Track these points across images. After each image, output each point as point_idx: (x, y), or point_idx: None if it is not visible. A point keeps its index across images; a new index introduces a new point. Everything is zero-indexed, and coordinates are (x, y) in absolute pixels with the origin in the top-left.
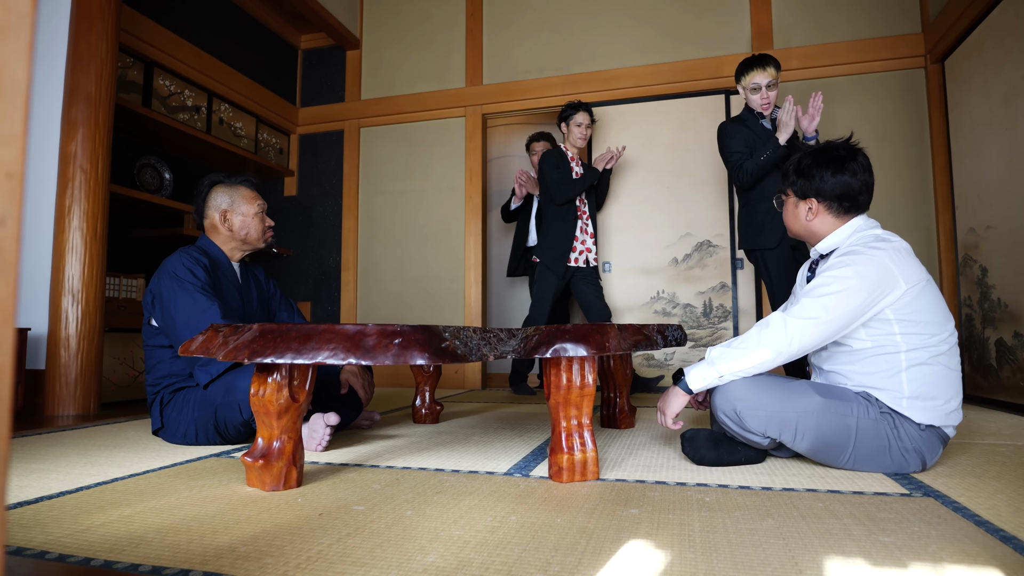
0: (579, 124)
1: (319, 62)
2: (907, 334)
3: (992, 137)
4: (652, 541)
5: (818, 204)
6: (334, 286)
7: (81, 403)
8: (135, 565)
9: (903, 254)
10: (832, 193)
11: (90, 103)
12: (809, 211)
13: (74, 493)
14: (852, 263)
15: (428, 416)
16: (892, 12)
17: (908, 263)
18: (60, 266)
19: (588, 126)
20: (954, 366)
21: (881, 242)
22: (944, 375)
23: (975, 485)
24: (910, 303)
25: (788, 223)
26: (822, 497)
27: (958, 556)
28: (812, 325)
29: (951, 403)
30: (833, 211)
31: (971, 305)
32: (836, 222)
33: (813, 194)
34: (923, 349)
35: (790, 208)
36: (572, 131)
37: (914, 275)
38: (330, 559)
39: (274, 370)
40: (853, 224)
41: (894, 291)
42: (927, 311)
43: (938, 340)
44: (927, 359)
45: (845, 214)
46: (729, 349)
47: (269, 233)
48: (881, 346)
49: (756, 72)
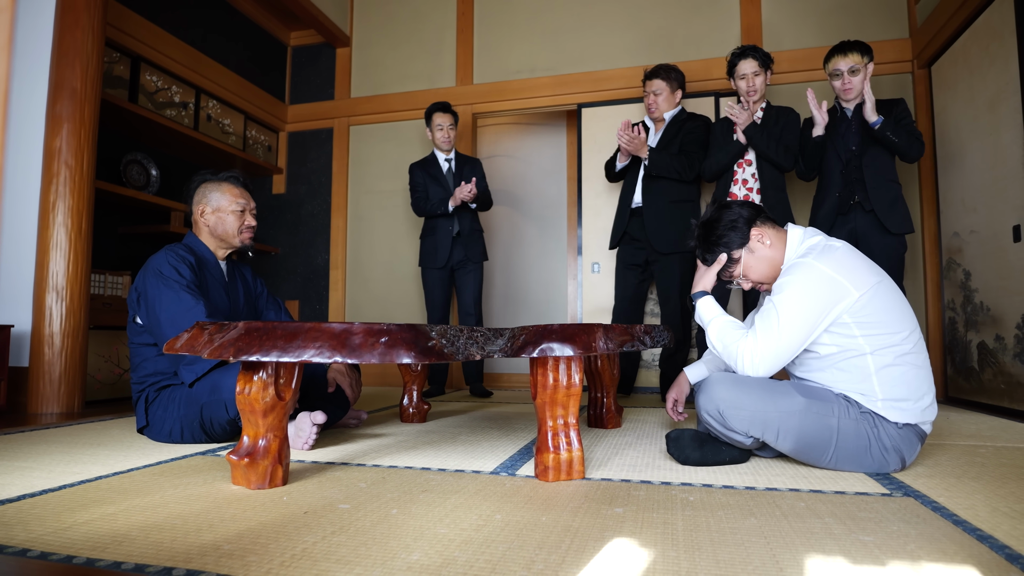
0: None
1: (309, 59)
2: (868, 335)
3: (977, 142)
4: (636, 540)
5: (759, 231)
6: (322, 285)
7: (65, 401)
8: (118, 563)
9: (850, 259)
10: (743, 216)
11: (75, 98)
12: (760, 242)
13: (57, 491)
14: (793, 282)
15: (415, 415)
16: (880, 17)
17: (857, 268)
18: (44, 263)
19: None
20: (922, 363)
21: (823, 253)
22: (914, 374)
23: (954, 485)
24: (865, 306)
25: (761, 270)
26: (804, 497)
27: (936, 555)
28: (772, 355)
29: (924, 399)
30: (767, 225)
31: (954, 309)
32: (779, 234)
33: (739, 237)
34: (887, 350)
35: (749, 261)
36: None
37: (865, 279)
38: (315, 557)
39: (260, 368)
40: (795, 236)
41: (845, 298)
42: (884, 312)
43: (901, 338)
44: (894, 360)
45: (773, 222)
46: (723, 334)
47: (247, 233)
48: (847, 350)
49: (837, 58)
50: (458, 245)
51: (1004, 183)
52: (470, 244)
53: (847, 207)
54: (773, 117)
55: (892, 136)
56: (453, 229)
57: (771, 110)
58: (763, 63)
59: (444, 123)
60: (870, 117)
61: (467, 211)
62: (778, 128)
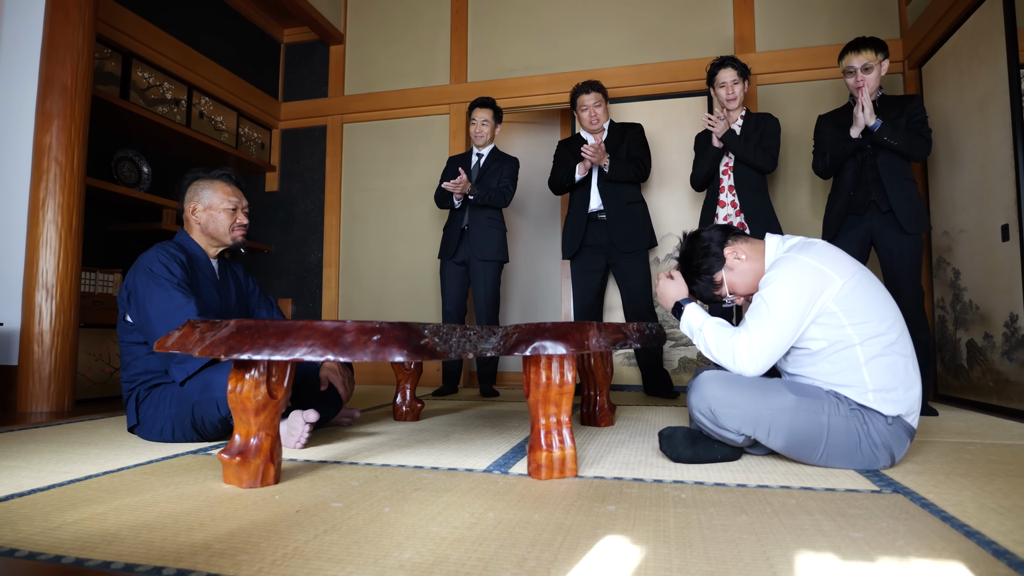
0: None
1: (302, 57)
2: (856, 324)
3: (967, 142)
4: (628, 537)
5: (732, 249)
6: (315, 283)
7: (55, 400)
8: (107, 563)
9: (830, 252)
10: (715, 239)
11: (66, 94)
12: (737, 259)
13: (46, 490)
14: (779, 275)
15: (409, 413)
16: (872, 18)
17: (838, 259)
18: (34, 260)
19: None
20: (908, 353)
21: (803, 249)
22: (902, 364)
23: (943, 482)
24: (850, 294)
25: (746, 283)
26: (795, 494)
27: (924, 550)
28: (767, 348)
29: (913, 390)
30: (740, 241)
31: (944, 307)
32: (754, 246)
33: (716, 260)
34: (875, 340)
35: (732, 279)
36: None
37: (846, 269)
38: (306, 556)
39: (252, 367)
40: (772, 243)
41: (830, 286)
42: (869, 299)
43: (887, 327)
44: (882, 350)
45: (746, 236)
46: (714, 335)
47: (239, 231)
48: (837, 342)
49: (851, 55)
50: (465, 240)
51: (993, 183)
52: (478, 241)
53: (862, 207)
54: (753, 123)
55: (890, 140)
56: (462, 223)
57: (751, 117)
58: (741, 73)
59: (478, 118)
60: (868, 121)
61: (479, 206)
62: (757, 133)
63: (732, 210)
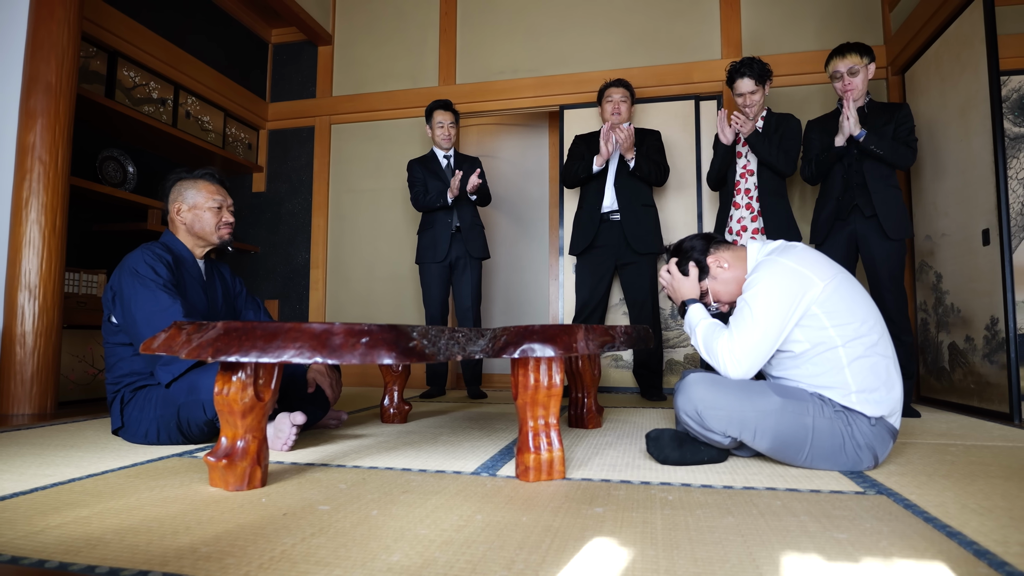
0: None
1: (290, 57)
2: (838, 326)
3: (949, 148)
4: (615, 539)
5: (714, 258)
6: (303, 284)
7: (37, 402)
8: (92, 567)
9: (810, 255)
10: (697, 248)
11: (50, 93)
12: (719, 267)
13: (29, 494)
14: (761, 279)
15: (396, 416)
16: (856, 24)
17: (817, 263)
18: (16, 260)
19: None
20: (890, 354)
21: (784, 252)
22: (884, 365)
23: (925, 483)
24: (831, 296)
25: (729, 291)
26: (781, 495)
27: (907, 551)
28: (750, 351)
29: (895, 391)
30: (722, 249)
31: (926, 310)
32: (736, 253)
33: (699, 259)
34: (857, 341)
35: (716, 287)
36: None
37: (827, 272)
38: (293, 559)
39: (239, 369)
40: (753, 248)
41: (811, 288)
42: (850, 301)
43: (868, 328)
44: (864, 351)
45: (727, 244)
46: (704, 337)
47: (226, 230)
48: (820, 344)
49: (836, 60)
50: (457, 240)
51: (974, 188)
52: (470, 239)
53: (846, 212)
54: (773, 124)
55: (875, 149)
56: (453, 223)
57: (771, 117)
58: (759, 79)
59: (445, 120)
60: (854, 131)
61: (468, 205)
62: (778, 135)
63: (748, 213)
